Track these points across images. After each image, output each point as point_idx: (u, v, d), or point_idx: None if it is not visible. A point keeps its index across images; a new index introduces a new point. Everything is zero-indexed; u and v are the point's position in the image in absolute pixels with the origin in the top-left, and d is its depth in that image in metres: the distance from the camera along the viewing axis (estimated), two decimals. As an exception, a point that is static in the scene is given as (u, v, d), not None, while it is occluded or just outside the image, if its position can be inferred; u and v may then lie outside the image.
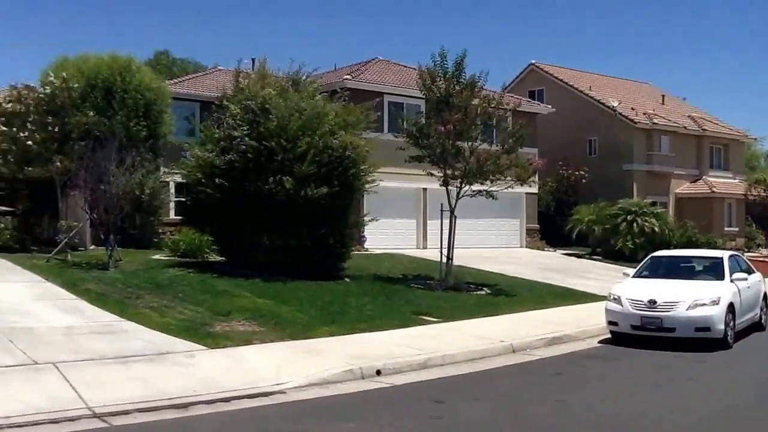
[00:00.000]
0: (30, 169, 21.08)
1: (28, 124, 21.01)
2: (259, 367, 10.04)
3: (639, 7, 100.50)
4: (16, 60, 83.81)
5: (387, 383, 10.11)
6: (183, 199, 25.17)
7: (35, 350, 9.96)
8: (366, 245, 25.91)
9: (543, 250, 32.21)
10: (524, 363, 11.98)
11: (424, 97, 20.25)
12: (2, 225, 23.22)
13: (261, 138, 17.95)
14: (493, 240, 30.86)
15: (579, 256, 30.78)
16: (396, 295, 17.08)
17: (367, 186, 19.65)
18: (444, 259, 19.24)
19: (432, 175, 19.58)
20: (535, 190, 30.92)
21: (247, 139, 17.97)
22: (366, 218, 21.02)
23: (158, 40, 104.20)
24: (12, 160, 21.08)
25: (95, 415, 7.74)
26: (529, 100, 34.67)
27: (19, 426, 7.31)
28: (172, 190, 26.13)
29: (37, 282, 15.73)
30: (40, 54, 68.26)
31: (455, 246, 19.45)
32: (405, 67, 31.81)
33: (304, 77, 20.70)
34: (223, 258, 19.74)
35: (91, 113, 22.05)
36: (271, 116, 18.19)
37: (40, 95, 21.54)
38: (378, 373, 10.40)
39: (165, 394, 8.50)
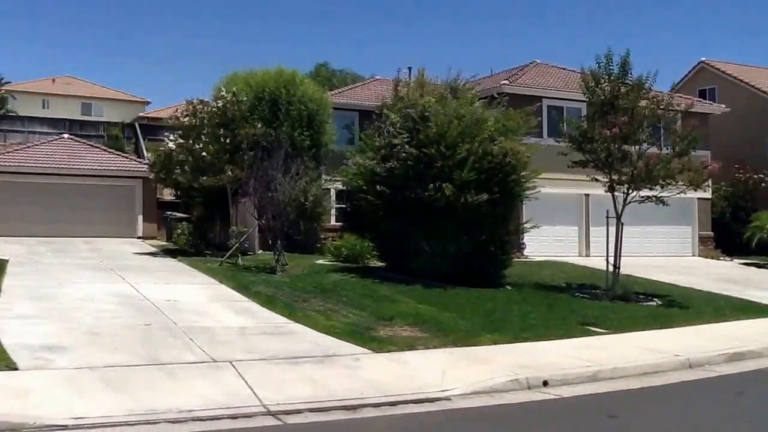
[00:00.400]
0: (204, 178, 22.47)
1: (203, 137, 22.42)
2: (424, 373, 10.00)
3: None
4: (190, 77, 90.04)
5: (554, 395, 9.75)
6: (343, 206, 25.90)
7: (213, 348, 10.48)
8: (526, 252, 25.40)
9: (718, 259, 30.21)
10: (703, 379, 11.15)
11: (585, 100, 19.54)
12: (179, 230, 24.98)
13: (420, 145, 18.05)
14: (662, 248, 29.38)
15: (759, 266, 28.55)
16: (560, 304, 16.56)
17: (527, 192, 19.26)
18: (610, 268, 18.44)
19: (597, 180, 18.82)
20: (708, 195, 29.19)
21: (407, 146, 18.14)
22: (527, 225, 20.59)
23: (319, 53, 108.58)
24: (188, 170, 22.56)
25: (269, 413, 7.99)
26: (700, 99, 32.66)
27: (201, 420, 7.68)
28: (333, 197, 26.93)
29: (212, 284, 16.69)
30: (213, 70, 72.91)
31: (621, 254, 18.61)
32: (563, 69, 31.00)
33: (462, 84, 20.69)
34: (384, 263, 20.01)
35: (259, 125, 23.19)
36: (430, 124, 18.26)
37: (213, 109, 22.93)
38: (545, 383, 10.06)
39: (334, 395, 8.65)
